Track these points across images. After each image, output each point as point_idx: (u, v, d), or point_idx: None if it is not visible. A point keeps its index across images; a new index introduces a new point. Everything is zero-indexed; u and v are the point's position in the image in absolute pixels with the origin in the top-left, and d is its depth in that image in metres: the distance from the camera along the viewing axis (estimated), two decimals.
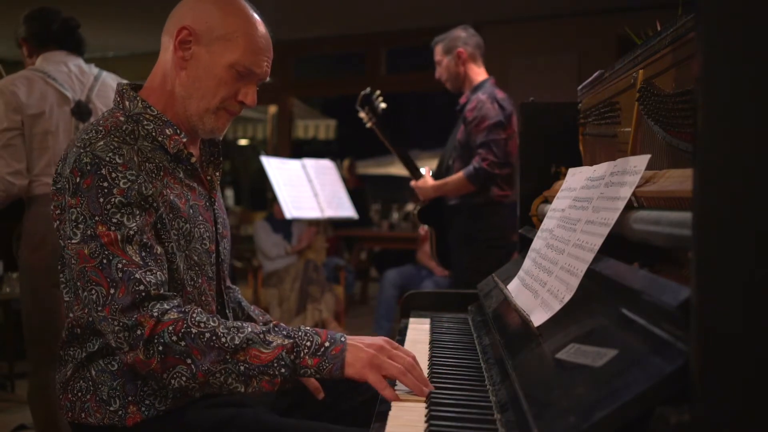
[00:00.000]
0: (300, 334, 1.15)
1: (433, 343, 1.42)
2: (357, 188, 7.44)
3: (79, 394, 1.25)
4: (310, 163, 4.46)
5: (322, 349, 1.13)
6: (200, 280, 1.30)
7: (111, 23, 6.32)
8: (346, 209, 4.46)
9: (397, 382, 1.12)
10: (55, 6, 2.55)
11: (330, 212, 4.29)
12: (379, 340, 1.16)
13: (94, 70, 2.55)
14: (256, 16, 1.31)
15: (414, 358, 1.14)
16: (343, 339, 1.14)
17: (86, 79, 2.50)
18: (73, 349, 1.27)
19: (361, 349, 1.13)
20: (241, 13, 1.28)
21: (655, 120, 1.07)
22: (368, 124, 3.35)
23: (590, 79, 1.55)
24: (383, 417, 1.01)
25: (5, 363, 3.83)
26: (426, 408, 1.03)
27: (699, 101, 0.59)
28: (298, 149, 8.88)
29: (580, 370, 0.79)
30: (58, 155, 2.36)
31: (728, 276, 0.58)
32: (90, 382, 1.24)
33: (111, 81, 2.57)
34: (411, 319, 1.67)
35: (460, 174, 3.02)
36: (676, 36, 1.02)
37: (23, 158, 2.33)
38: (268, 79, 1.33)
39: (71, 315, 1.27)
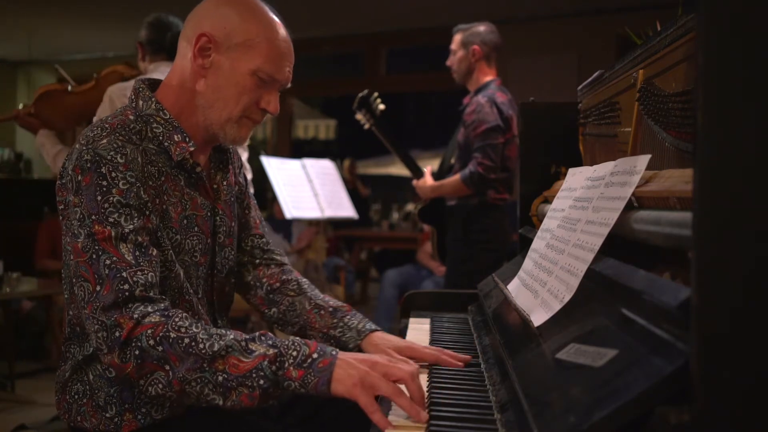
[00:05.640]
0: (287, 343, 1.06)
1: (433, 343, 1.42)
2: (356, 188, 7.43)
3: (77, 396, 1.24)
4: (310, 163, 4.46)
5: (308, 361, 1.04)
6: (190, 292, 1.27)
7: (111, 23, 6.32)
8: (346, 209, 4.47)
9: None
10: (176, 16, 2.63)
11: (330, 212, 4.30)
12: (375, 356, 1.08)
13: None
14: (276, 18, 1.26)
15: (416, 369, 1.05)
16: (333, 353, 1.05)
17: None
18: (73, 347, 1.26)
19: (352, 365, 1.03)
20: (261, 17, 1.24)
21: (655, 120, 1.07)
22: (366, 126, 3.35)
23: (590, 79, 1.55)
24: None
25: (5, 363, 3.83)
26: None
27: (699, 101, 0.59)
28: (298, 149, 8.88)
29: (580, 370, 0.79)
30: None
31: (728, 276, 0.58)
32: (87, 386, 1.23)
33: None
34: (411, 319, 1.67)
35: (456, 176, 3.03)
36: (676, 36, 1.02)
37: None
38: (289, 84, 1.29)
39: (71, 313, 1.26)
